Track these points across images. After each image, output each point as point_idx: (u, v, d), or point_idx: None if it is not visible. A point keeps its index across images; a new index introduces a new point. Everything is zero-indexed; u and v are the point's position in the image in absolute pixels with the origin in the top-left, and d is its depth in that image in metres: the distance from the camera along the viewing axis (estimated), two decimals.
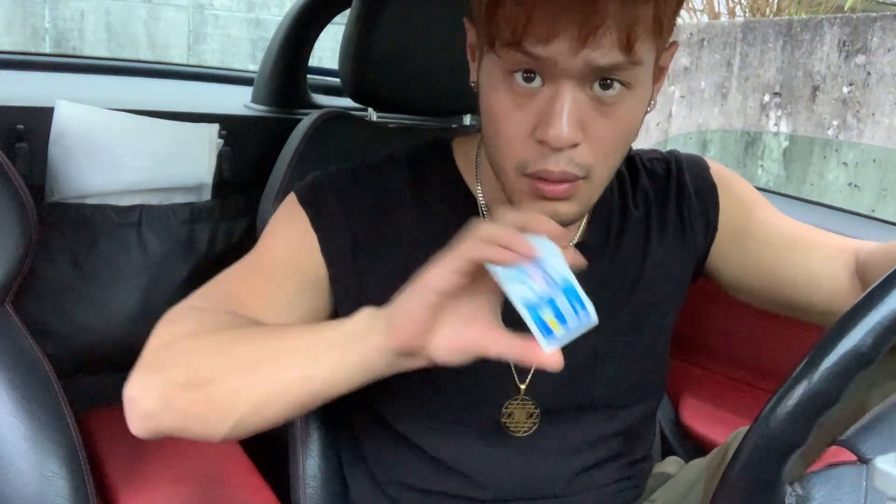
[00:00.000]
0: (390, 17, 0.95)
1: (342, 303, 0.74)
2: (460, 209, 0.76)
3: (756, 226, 0.84)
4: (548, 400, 0.77)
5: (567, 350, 0.73)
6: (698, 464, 0.87)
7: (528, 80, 0.61)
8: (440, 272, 0.55)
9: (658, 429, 1.21)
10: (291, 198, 0.76)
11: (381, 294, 0.69)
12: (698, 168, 0.86)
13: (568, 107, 0.60)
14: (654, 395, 0.86)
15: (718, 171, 0.87)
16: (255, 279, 0.72)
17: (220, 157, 1.26)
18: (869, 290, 0.48)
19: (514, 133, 0.63)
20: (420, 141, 0.82)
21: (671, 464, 0.93)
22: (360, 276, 0.74)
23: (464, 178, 0.78)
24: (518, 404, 0.76)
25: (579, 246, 0.79)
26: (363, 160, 0.80)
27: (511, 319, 0.58)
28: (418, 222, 0.75)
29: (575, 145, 0.61)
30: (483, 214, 0.76)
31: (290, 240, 0.74)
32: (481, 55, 0.66)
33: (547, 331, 0.55)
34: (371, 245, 0.74)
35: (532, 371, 0.76)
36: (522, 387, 0.76)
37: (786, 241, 0.83)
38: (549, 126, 0.60)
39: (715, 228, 0.84)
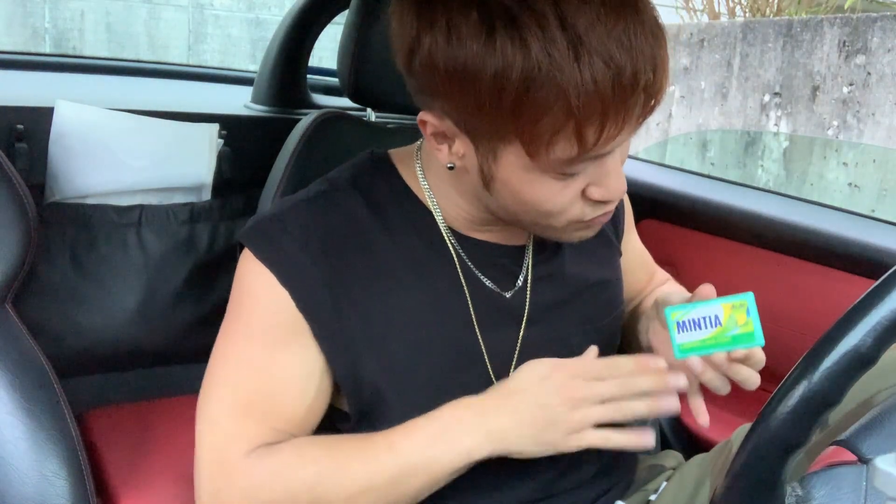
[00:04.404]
0: (388, 18, 0.95)
1: (330, 349, 0.70)
2: (424, 230, 0.75)
3: (628, 244, 0.94)
4: None
5: (545, 346, 0.76)
6: (702, 459, 0.88)
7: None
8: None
9: (657, 425, 1.22)
10: (248, 256, 0.70)
11: (363, 333, 0.70)
12: None
13: (618, 165, 0.66)
14: None
15: None
16: (264, 377, 0.69)
17: (220, 157, 1.26)
18: (869, 290, 0.48)
19: (565, 204, 0.66)
20: (354, 161, 0.79)
21: (668, 457, 0.94)
22: (341, 318, 0.70)
23: (415, 194, 0.76)
24: None
25: (537, 245, 0.81)
26: (307, 191, 0.76)
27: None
28: (387, 250, 0.73)
29: None
30: (446, 236, 0.76)
31: (270, 308, 0.69)
32: (493, 152, 0.63)
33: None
34: (344, 280, 0.70)
35: (511, 372, 0.76)
36: None
37: (636, 264, 0.97)
38: (610, 188, 0.65)
39: (622, 232, 0.92)
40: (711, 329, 0.66)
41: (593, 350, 0.72)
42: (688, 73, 3.36)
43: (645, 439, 0.68)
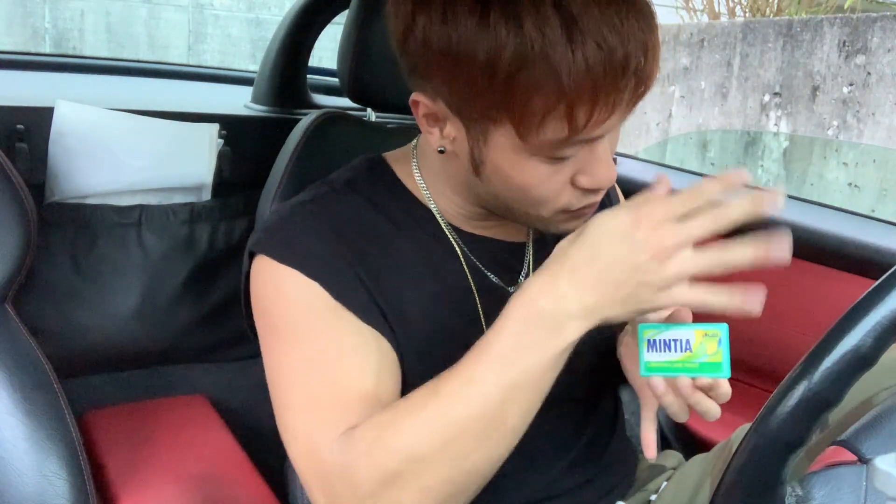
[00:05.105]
0: (387, 12, 0.95)
1: (375, 324, 0.69)
2: (426, 226, 0.76)
3: None
4: None
5: None
6: (702, 459, 0.88)
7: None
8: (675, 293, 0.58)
9: (657, 425, 1.22)
10: (265, 264, 0.69)
11: (390, 313, 0.70)
12: None
13: (608, 153, 0.65)
14: (616, 379, 0.89)
15: (615, 185, 0.95)
16: (323, 366, 0.66)
17: (220, 157, 1.26)
18: (869, 290, 0.48)
19: (554, 191, 0.66)
20: (350, 164, 0.79)
21: (668, 457, 0.94)
22: (372, 296, 0.69)
23: (413, 194, 0.77)
24: None
25: (537, 242, 0.81)
26: (307, 193, 0.75)
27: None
28: (396, 242, 0.73)
29: None
30: (447, 231, 0.76)
31: (306, 304, 0.68)
32: (484, 134, 0.64)
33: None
34: (364, 266, 0.70)
35: None
36: None
37: None
38: (599, 176, 0.65)
39: None
40: (680, 353, 0.65)
41: (664, 181, 0.62)
42: (688, 73, 3.36)
43: (754, 302, 0.58)
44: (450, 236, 0.76)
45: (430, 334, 0.72)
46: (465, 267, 0.75)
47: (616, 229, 0.58)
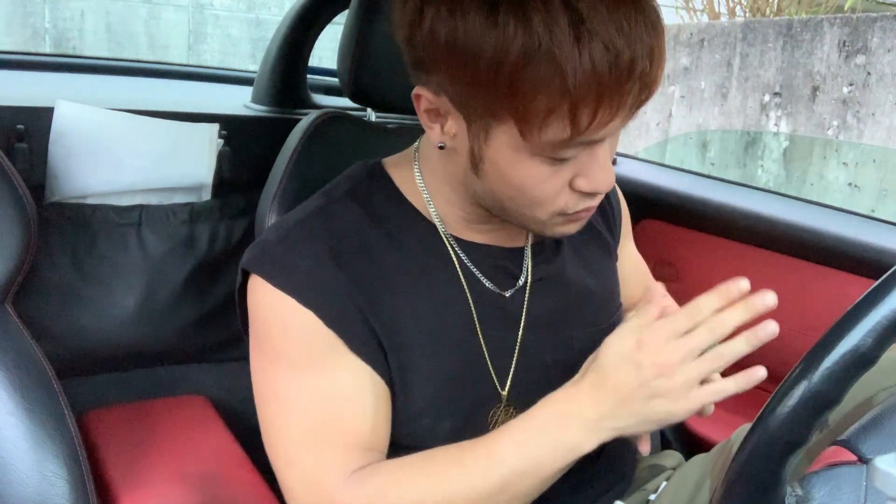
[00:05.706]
0: (388, 18, 0.95)
1: (369, 356, 0.70)
2: (423, 237, 0.75)
3: (624, 250, 0.95)
4: (529, 400, 0.78)
5: (548, 345, 0.75)
6: (702, 459, 0.88)
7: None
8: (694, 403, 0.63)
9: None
10: (261, 285, 0.69)
11: (386, 338, 0.70)
12: None
13: (608, 157, 0.65)
14: None
15: (617, 190, 0.96)
16: (323, 400, 0.68)
17: (220, 157, 1.26)
18: (869, 290, 0.48)
19: (552, 192, 0.66)
20: (348, 172, 0.79)
21: (668, 457, 0.94)
22: (368, 324, 0.70)
23: (412, 203, 0.76)
24: (502, 409, 0.76)
25: (536, 246, 0.81)
26: (304, 208, 0.75)
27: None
28: (392, 259, 0.73)
29: None
30: (445, 239, 0.76)
31: (301, 334, 0.68)
32: (485, 131, 0.64)
33: None
34: (360, 289, 0.70)
35: (511, 373, 0.77)
36: (504, 393, 0.76)
37: (632, 273, 0.96)
38: (598, 179, 0.65)
39: (618, 237, 0.92)
40: None
41: (659, 289, 0.66)
42: (688, 73, 3.36)
43: (758, 373, 0.63)
44: (447, 244, 0.76)
45: (426, 346, 0.72)
46: (460, 275, 0.75)
47: (622, 354, 0.64)
